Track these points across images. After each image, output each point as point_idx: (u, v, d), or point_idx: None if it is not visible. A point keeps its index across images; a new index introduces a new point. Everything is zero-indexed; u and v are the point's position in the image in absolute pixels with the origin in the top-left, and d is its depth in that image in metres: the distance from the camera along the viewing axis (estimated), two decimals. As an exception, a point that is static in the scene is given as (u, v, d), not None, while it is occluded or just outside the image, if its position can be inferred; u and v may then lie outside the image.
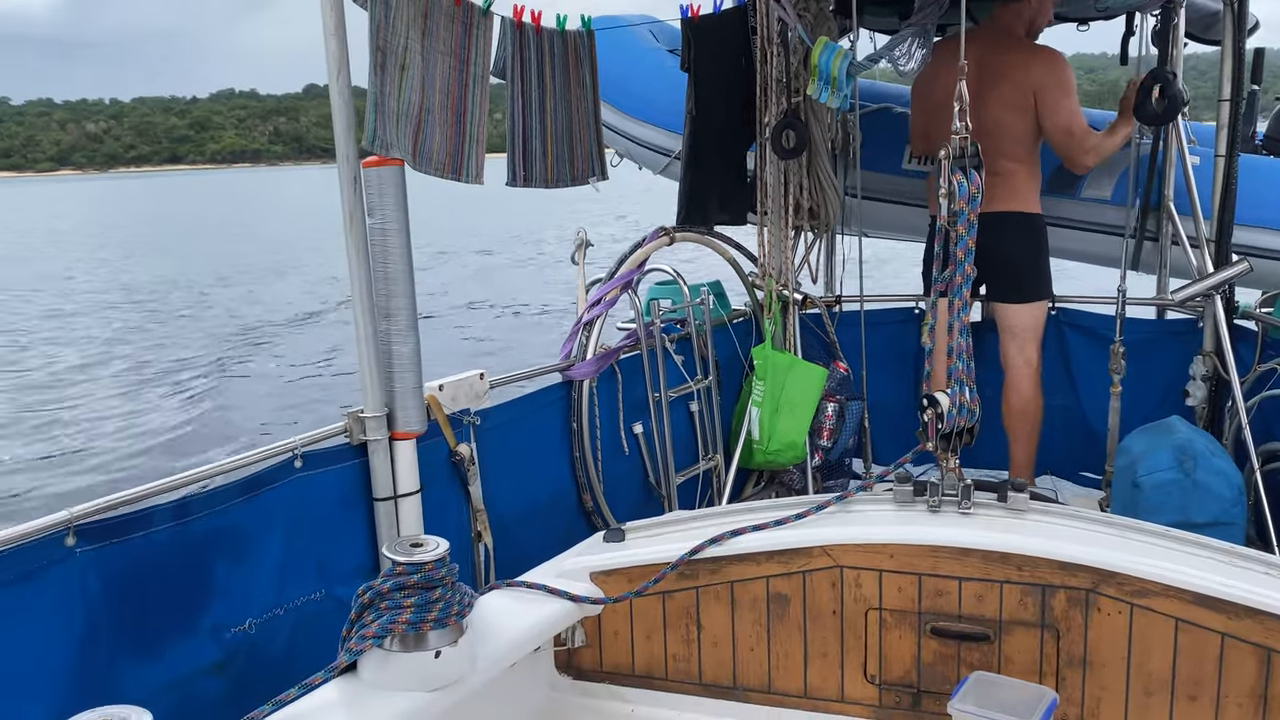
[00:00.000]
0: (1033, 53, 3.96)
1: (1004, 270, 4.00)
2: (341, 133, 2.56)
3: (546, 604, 2.29)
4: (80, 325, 16.99)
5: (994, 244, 3.88)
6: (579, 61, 3.60)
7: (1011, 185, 3.92)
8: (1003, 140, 3.88)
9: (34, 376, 12.92)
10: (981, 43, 3.92)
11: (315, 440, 2.67)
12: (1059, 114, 3.85)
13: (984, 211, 3.83)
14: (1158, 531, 2.18)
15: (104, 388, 12.11)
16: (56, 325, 17.01)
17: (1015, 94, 3.86)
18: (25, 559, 2.06)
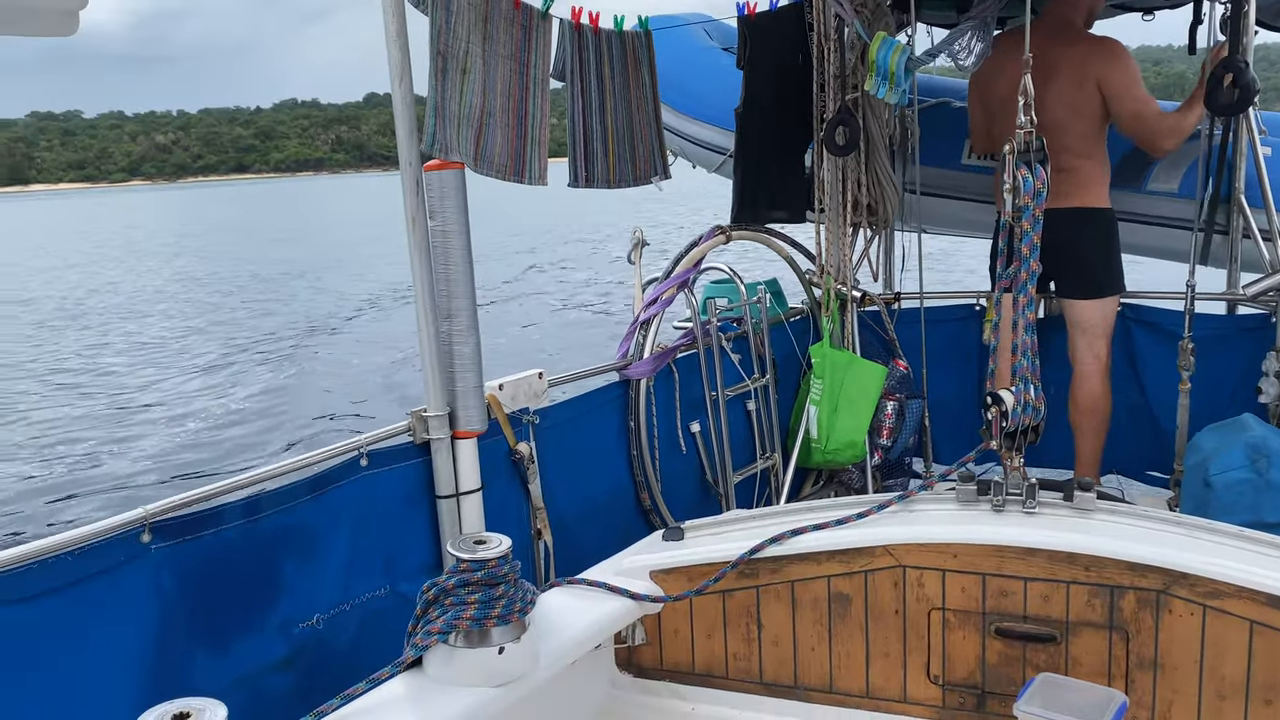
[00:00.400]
0: (1093, 44, 3.88)
1: (1074, 266, 3.93)
2: (404, 138, 2.60)
3: (607, 602, 2.30)
4: (162, 328, 17.44)
5: (1063, 240, 3.83)
6: (638, 61, 3.61)
7: (1079, 180, 3.86)
8: (1067, 135, 3.81)
9: (121, 379, 13.32)
10: (1040, 35, 3.84)
11: (380, 439, 2.72)
12: (1126, 100, 3.78)
13: (1052, 208, 3.78)
14: (1230, 532, 2.13)
15: (181, 385, 12.45)
16: (137, 328, 17.44)
17: (1078, 88, 3.79)
18: (104, 555, 2.13)
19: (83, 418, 11.19)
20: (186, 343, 15.66)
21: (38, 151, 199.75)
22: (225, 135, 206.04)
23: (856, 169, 4.32)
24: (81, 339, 16.86)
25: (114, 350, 15.54)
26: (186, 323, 17.64)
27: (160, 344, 15.82)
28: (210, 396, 11.76)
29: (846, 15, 3.85)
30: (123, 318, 18.85)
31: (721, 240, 4.10)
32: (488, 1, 2.82)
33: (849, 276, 4.44)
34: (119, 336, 16.86)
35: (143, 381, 13.05)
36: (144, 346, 15.69)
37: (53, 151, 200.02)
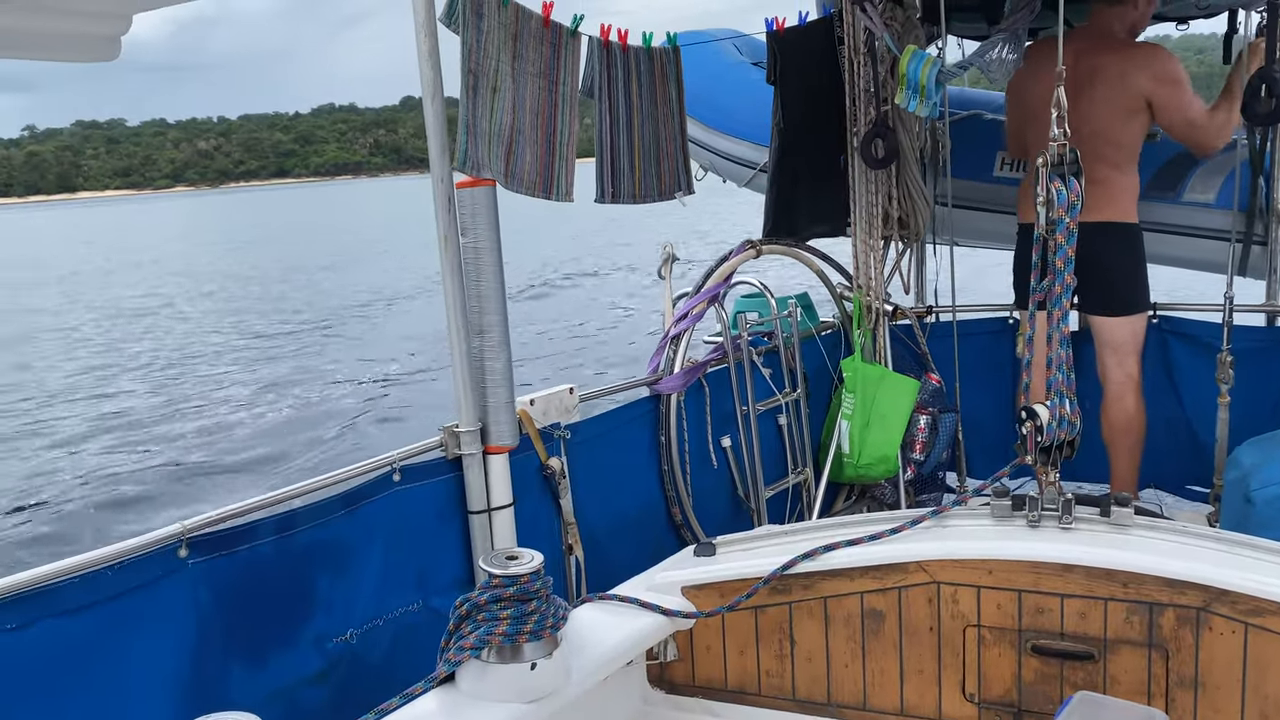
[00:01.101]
0: (1135, 52, 3.82)
1: (1100, 282, 3.87)
2: (436, 155, 2.63)
3: (639, 618, 2.30)
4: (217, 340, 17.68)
5: (1089, 255, 3.76)
6: (665, 78, 3.63)
7: (1109, 193, 3.80)
8: (1102, 146, 3.77)
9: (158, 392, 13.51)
10: (1080, 43, 3.82)
11: (412, 455, 2.74)
12: (1178, 109, 3.73)
13: (1084, 221, 3.76)
14: (1273, 548, 2.09)
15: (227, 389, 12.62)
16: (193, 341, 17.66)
17: (1119, 98, 3.74)
18: (142, 570, 2.16)
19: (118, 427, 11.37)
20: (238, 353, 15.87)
21: (84, 160, 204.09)
22: (266, 141, 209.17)
23: (888, 182, 4.30)
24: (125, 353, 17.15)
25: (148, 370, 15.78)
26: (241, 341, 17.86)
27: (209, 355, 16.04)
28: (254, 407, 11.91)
29: (876, 29, 3.84)
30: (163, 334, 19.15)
31: (751, 254, 4.09)
32: (517, 20, 2.85)
33: (880, 290, 4.42)
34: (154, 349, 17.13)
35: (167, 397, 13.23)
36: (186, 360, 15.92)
37: (99, 159, 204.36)
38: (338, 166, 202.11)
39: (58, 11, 1.21)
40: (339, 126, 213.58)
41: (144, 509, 8.35)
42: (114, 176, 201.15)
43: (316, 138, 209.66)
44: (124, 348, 17.43)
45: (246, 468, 9.36)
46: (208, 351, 16.37)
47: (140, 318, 21.08)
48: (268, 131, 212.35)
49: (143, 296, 24.80)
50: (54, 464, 10.00)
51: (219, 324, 19.66)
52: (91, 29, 1.20)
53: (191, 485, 8.95)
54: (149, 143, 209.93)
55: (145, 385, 13.99)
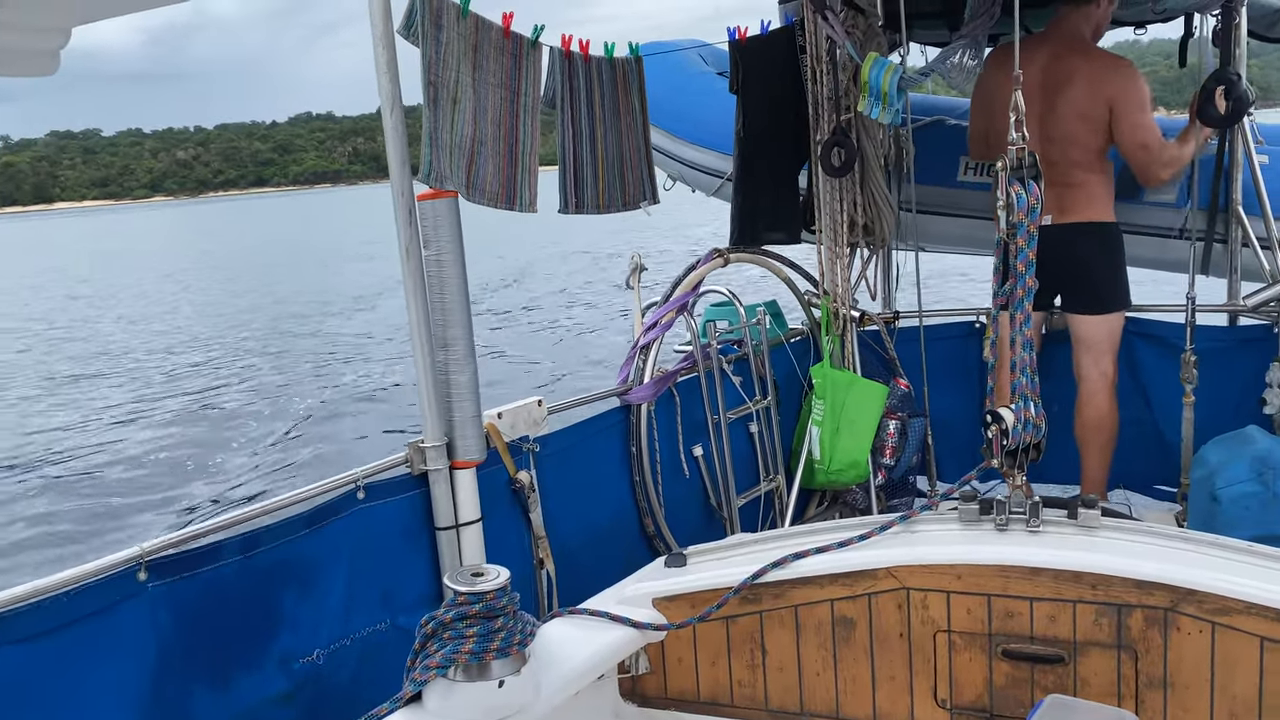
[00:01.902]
0: (1106, 62, 3.87)
1: (1081, 282, 3.92)
2: (396, 167, 2.60)
3: (609, 631, 2.28)
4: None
5: (1070, 255, 3.83)
6: (628, 88, 3.63)
7: (1086, 195, 3.85)
8: (1076, 150, 3.81)
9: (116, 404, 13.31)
10: (1050, 47, 3.85)
11: (377, 471, 2.70)
12: (1136, 130, 3.77)
13: (1059, 222, 3.81)
14: (1238, 547, 2.10)
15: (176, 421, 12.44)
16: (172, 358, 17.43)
17: (1089, 103, 3.78)
18: (100, 595, 2.11)
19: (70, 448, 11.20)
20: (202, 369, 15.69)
21: (61, 170, 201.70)
22: (244, 150, 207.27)
23: (852, 189, 4.32)
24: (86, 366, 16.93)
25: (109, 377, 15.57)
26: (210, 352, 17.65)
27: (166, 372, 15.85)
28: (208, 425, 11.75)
29: (838, 37, 3.86)
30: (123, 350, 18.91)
31: (720, 263, 4.09)
32: (477, 31, 2.84)
33: (847, 296, 4.43)
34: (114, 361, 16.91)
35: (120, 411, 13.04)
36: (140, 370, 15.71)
37: (75, 170, 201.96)
38: (317, 175, 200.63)
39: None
40: (317, 135, 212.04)
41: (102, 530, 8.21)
42: (91, 187, 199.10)
43: (295, 146, 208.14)
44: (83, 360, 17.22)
45: (202, 488, 9.24)
46: (156, 374, 16.17)
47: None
48: (246, 141, 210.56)
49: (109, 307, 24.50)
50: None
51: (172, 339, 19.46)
52: (29, 43, 1.17)
53: (146, 507, 8.81)
54: (126, 152, 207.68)
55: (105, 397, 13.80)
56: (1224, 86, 3.64)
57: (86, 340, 20.05)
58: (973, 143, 4.35)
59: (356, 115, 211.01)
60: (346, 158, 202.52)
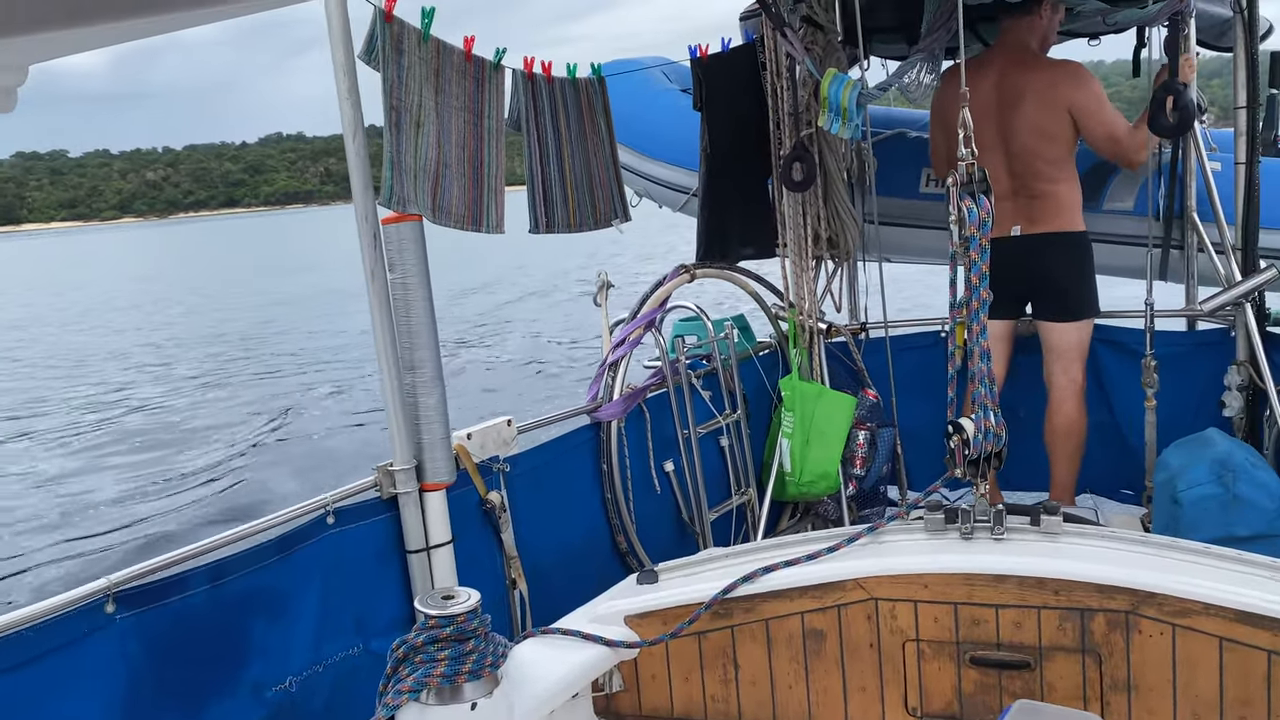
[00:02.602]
0: (1056, 69, 3.93)
1: (1051, 290, 3.99)
2: (359, 192, 2.61)
3: (582, 650, 2.29)
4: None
5: (1040, 265, 3.89)
6: (592, 108, 3.66)
7: (1054, 205, 3.92)
8: (1038, 160, 3.87)
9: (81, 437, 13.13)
10: (1000, 62, 3.91)
11: (346, 495, 2.70)
12: (1101, 124, 3.85)
13: (1028, 233, 3.87)
14: (1197, 549, 2.14)
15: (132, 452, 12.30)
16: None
17: (1047, 113, 3.84)
18: (67, 628, 2.10)
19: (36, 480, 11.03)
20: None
21: (28, 191, 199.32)
22: (215, 170, 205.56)
23: (815, 203, 4.36)
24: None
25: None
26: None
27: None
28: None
29: (797, 53, 3.91)
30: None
31: (686, 279, 4.12)
32: (439, 55, 2.85)
33: (814, 309, 4.47)
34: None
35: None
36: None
37: (43, 191, 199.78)
38: (289, 195, 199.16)
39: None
40: (288, 155, 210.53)
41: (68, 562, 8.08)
42: (59, 208, 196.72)
43: (266, 167, 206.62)
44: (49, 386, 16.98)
45: (173, 518, 9.12)
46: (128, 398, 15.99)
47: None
48: (216, 161, 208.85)
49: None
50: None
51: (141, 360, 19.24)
52: None
53: (113, 536, 8.69)
54: (95, 174, 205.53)
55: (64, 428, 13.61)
56: (1172, 96, 3.72)
57: (56, 363, 19.78)
58: (936, 161, 4.41)
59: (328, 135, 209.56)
60: (319, 178, 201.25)
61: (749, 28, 4.62)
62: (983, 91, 3.82)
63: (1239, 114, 3.96)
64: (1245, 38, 3.90)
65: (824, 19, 4.26)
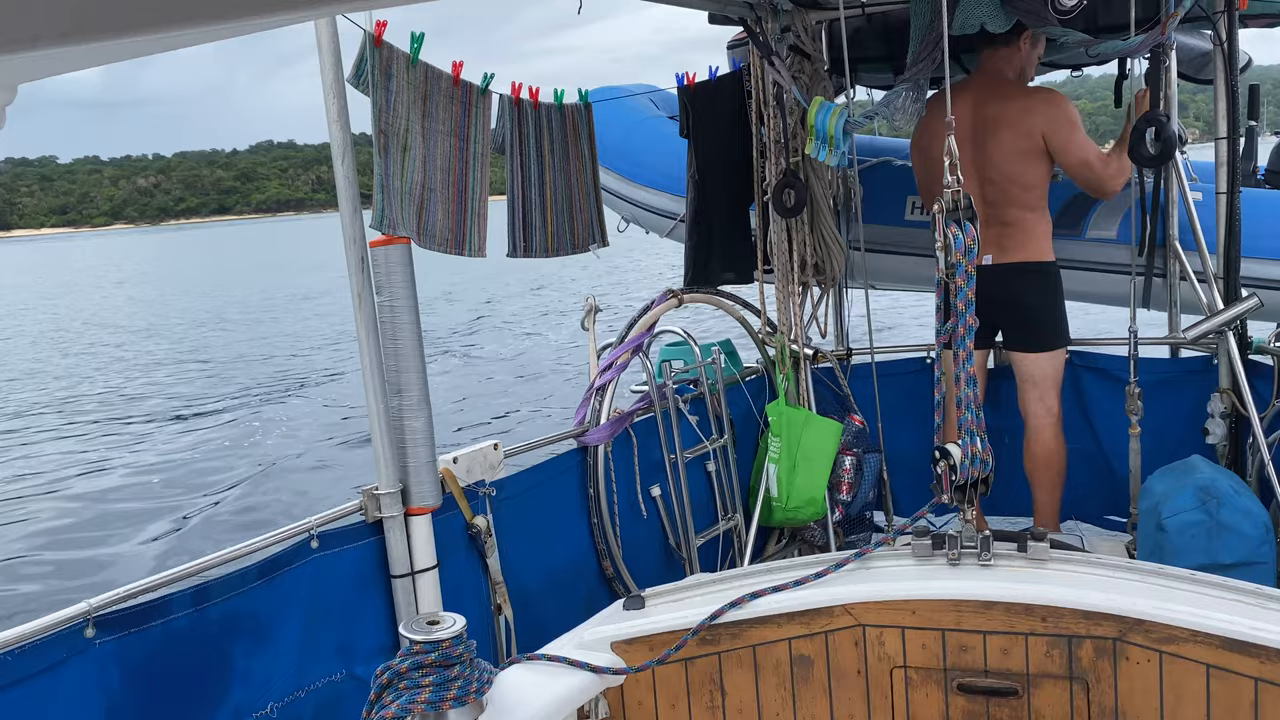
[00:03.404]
0: (1031, 96, 3.97)
1: (1021, 320, 4.00)
2: (347, 215, 2.61)
3: (568, 676, 2.27)
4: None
5: (1010, 294, 3.90)
6: (577, 134, 3.67)
7: (1026, 234, 3.93)
8: (1011, 189, 3.89)
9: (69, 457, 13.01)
10: (976, 92, 3.95)
11: (330, 519, 2.68)
12: (1073, 150, 3.86)
13: (998, 262, 3.89)
14: (1183, 576, 2.15)
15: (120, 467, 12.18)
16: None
17: (1021, 140, 3.87)
18: (46, 653, 2.07)
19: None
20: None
21: (18, 197, 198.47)
22: (206, 178, 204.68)
23: (801, 229, 4.39)
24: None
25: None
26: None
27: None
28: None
29: (784, 82, 3.94)
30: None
31: (674, 304, 4.13)
32: (426, 80, 2.87)
33: (800, 334, 4.48)
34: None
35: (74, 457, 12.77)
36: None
37: (33, 197, 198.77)
38: (280, 203, 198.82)
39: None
40: (279, 163, 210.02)
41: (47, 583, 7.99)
42: (50, 214, 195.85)
43: (258, 174, 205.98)
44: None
45: (151, 538, 9.03)
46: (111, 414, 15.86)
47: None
48: (208, 169, 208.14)
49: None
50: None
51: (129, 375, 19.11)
52: None
53: (92, 560, 8.60)
54: (85, 180, 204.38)
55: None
56: (1154, 127, 3.77)
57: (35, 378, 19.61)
58: (923, 193, 4.41)
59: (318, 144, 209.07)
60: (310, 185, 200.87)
61: (736, 56, 4.66)
62: (959, 119, 3.85)
63: (1219, 144, 4.01)
64: (1225, 70, 3.95)
65: (810, 48, 4.31)
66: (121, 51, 1.32)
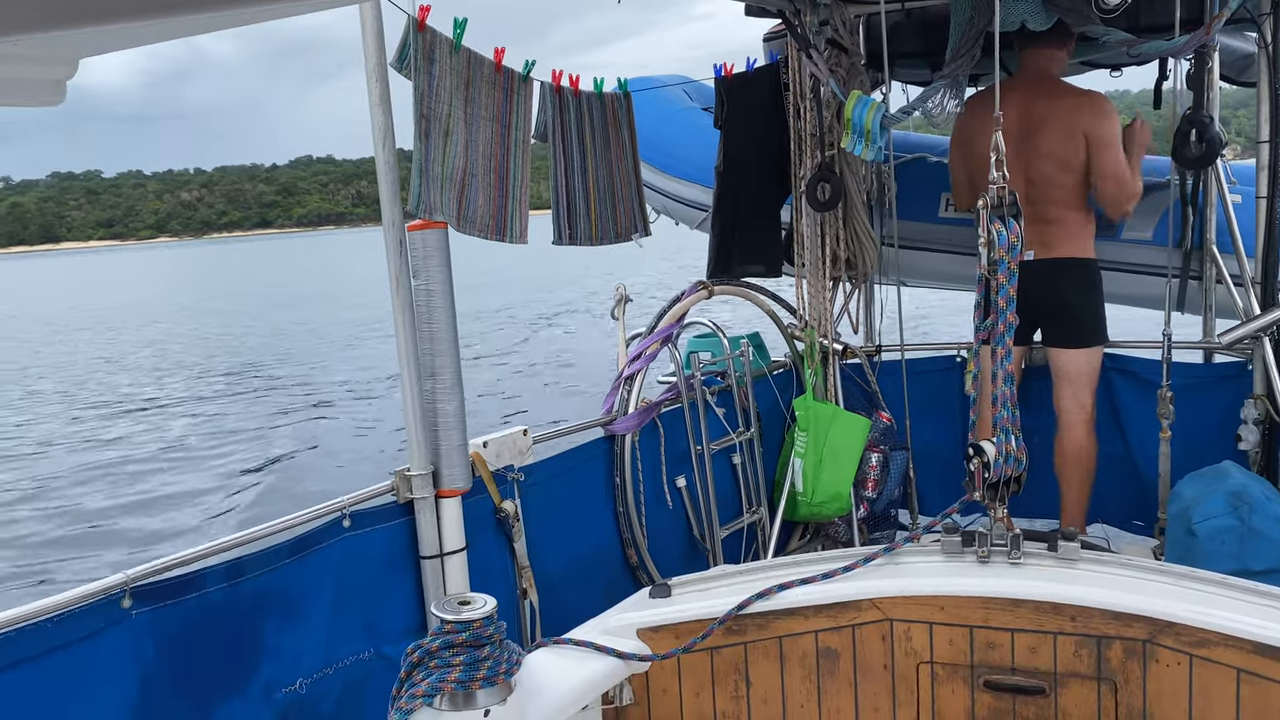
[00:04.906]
0: (1080, 97, 3.96)
1: (1062, 316, 3.99)
2: (387, 199, 2.63)
3: (594, 662, 2.28)
4: None
5: (1052, 290, 3.90)
6: (617, 122, 3.68)
7: (1069, 231, 3.93)
8: (1056, 187, 3.89)
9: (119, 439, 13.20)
10: (1024, 90, 3.93)
11: (363, 499, 2.71)
12: (1108, 159, 3.85)
13: (1041, 258, 3.88)
14: (1214, 579, 2.13)
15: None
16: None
17: (1066, 141, 3.86)
18: (84, 622, 2.10)
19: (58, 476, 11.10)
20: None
21: (67, 211, 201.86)
22: (249, 192, 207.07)
23: (835, 224, 4.38)
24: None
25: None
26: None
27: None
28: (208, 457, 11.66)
29: (822, 75, 3.93)
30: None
31: (704, 295, 4.13)
32: (469, 66, 2.88)
33: (830, 329, 4.47)
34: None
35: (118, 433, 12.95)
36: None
37: (81, 210, 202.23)
38: (321, 217, 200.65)
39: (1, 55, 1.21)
40: (319, 178, 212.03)
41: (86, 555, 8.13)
42: (97, 227, 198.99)
43: (298, 189, 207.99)
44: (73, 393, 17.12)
45: (191, 514, 9.16)
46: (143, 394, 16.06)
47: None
48: (250, 183, 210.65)
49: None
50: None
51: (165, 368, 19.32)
52: (37, 73, 1.19)
53: (133, 534, 8.73)
54: (130, 194, 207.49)
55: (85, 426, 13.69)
56: (1197, 129, 3.73)
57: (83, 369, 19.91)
58: (957, 193, 4.39)
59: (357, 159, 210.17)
60: (350, 200, 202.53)
61: (774, 48, 4.65)
62: (1007, 118, 3.83)
63: (1261, 149, 3.96)
64: (1270, 72, 3.90)
65: (848, 42, 4.29)
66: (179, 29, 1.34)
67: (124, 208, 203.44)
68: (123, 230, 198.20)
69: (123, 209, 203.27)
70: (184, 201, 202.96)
